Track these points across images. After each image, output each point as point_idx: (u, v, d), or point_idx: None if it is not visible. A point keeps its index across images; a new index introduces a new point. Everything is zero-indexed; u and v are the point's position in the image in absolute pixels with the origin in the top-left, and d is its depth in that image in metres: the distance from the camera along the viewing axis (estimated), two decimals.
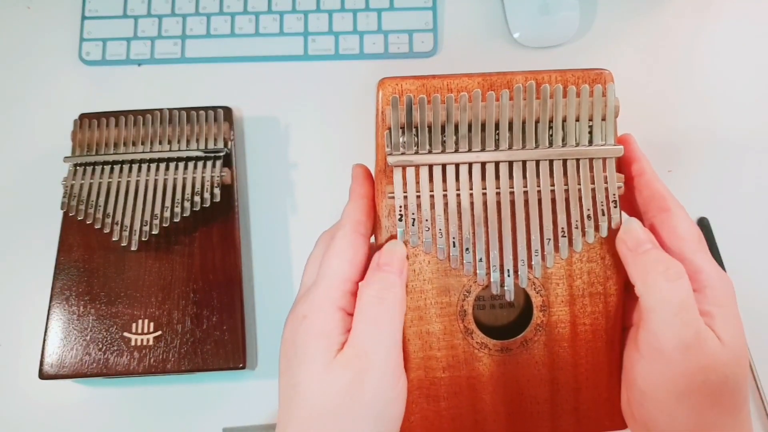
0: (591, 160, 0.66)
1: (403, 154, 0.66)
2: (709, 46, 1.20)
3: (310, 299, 0.65)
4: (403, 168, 0.66)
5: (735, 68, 1.18)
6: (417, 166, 0.66)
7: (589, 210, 0.66)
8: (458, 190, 0.66)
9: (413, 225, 0.66)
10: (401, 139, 0.66)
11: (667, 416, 0.63)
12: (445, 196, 0.66)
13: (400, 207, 0.66)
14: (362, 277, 0.67)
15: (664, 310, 0.62)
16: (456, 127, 0.66)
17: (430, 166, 0.66)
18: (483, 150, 0.66)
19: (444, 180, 0.66)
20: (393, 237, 0.68)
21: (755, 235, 1.10)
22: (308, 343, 0.63)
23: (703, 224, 1.09)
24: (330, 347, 0.63)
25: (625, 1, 1.23)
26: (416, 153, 0.66)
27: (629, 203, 0.69)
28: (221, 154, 1.06)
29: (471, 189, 0.66)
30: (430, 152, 0.66)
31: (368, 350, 0.63)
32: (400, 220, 0.66)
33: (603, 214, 0.66)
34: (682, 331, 0.61)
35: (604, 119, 0.66)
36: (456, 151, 0.66)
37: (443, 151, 0.66)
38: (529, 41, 1.20)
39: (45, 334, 1.01)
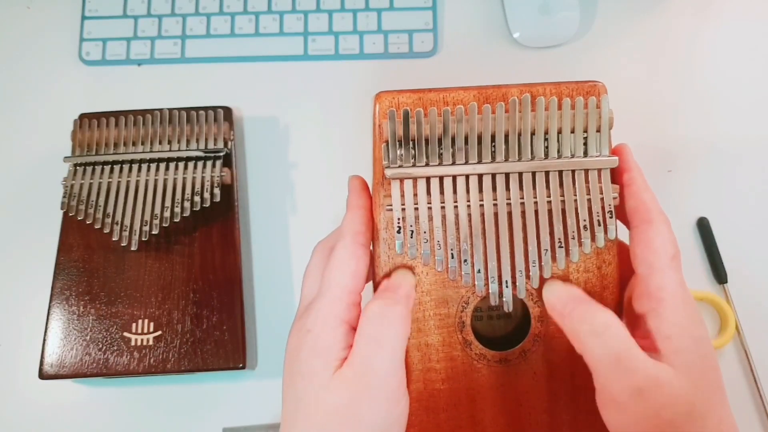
0: (586, 171, 0.66)
1: (400, 166, 0.66)
2: (709, 45, 1.20)
3: (314, 313, 0.65)
4: (401, 180, 0.66)
5: (735, 68, 1.18)
6: (414, 179, 0.66)
7: (585, 221, 0.66)
8: (456, 202, 0.66)
9: (411, 237, 0.66)
10: (398, 152, 0.66)
11: None
12: (442, 208, 0.66)
13: (399, 219, 0.66)
14: (364, 287, 0.68)
15: (604, 365, 0.62)
16: (452, 139, 0.66)
17: (428, 179, 0.66)
18: (479, 162, 0.66)
19: (441, 192, 0.66)
20: (400, 267, 0.69)
21: (755, 235, 1.10)
22: (311, 358, 0.63)
23: (703, 224, 1.09)
24: (330, 363, 0.62)
25: (625, 2, 1.22)
26: (413, 165, 0.66)
27: (624, 213, 0.69)
28: (221, 154, 1.06)
29: (468, 201, 0.66)
30: (427, 165, 0.66)
31: (367, 371, 0.62)
32: (399, 232, 0.66)
33: (599, 225, 0.66)
34: (629, 380, 0.60)
35: (598, 131, 0.66)
36: (453, 163, 0.66)
37: (440, 164, 0.66)
38: (529, 41, 1.20)
39: (45, 334, 1.01)
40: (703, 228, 1.09)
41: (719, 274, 1.07)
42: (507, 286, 0.67)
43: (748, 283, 1.07)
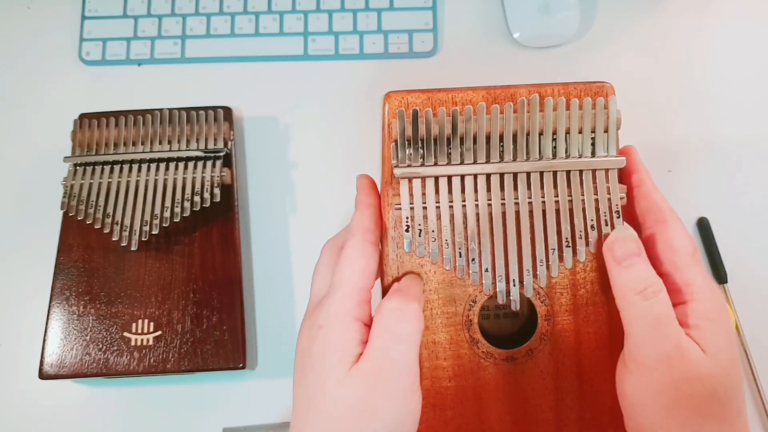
0: (594, 171, 0.67)
1: (409, 166, 0.66)
2: (709, 45, 1.20)
3: (326, 309, 0.65)
4: (410, 180, 0.67)
5: (735, 68, 1.19)
6: (423, 178, 0.66)
7: (592, 220, 0.66)
8: (464, 201, 0.66)
9: (420, 236, 0.67)
10: (407, 152, 0.66)
11: (658, 428, 0.63)
12: (450, 207, 0.66)
13: (407, 218, 0.67)
14: (374, 284, 0.68)
15: (642, 325, 0.62)
16: (461, 139, 0.66)
17: (436, 178, 0.67)
18: (487, 162, 0.66)
19: (450, 191, 0.67)
20: (408, 273, 0.69)
21: (755, 235, 1.10)
22: (325, 354, 0.64)
23: (703, 224, 1.09)
24: (346, 359, 0.63)
25: (625, 1, 1.23)
26: (422, 165, 0.66)
27: (631, 213, 0.70)
28: (221, 154, 1.06)
29: (476, 200, 0.66)
30: (435, 164, 0.66)
31: (384, 365, 0.63)
32: (407, 230, 0.67)
33: (606, 225, 0.66)
34: (662, 344, 0.61)
35: (606, 131, 0.67)
36: (461, 162, 0.66)
37: (449, 163, 0.66)
38: (529, 41, 1.20)
39: (45, 334, 1.01)
40: (703, 228, 1.09)
41: (719, 274, 1.07)
42: (514, 285, 0.67)
43: (748, 283, 1.07)
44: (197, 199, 1.03)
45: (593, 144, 0.67)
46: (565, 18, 1.19)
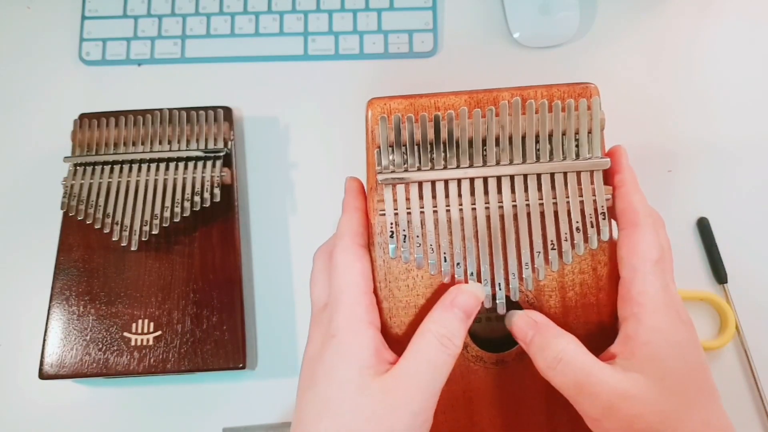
0: (578, 173, 0.67)
1: (393, 171, 0.66)
2: (709, 45, 1.20)
3: (336, 318, 0.65)
4: (393, 185, 0.67)
5: (735, 68, 1.18)
6: (407, 183, 0.67)
7: (578, 222, 0.66)
8: (448, 205, 0.67)
9: (404, 241, 0.67)
10: (391, 157, 0.67)
11: None
12: (435, 212, 0.67)
13: (392, 224, 0.67)
14: (373, 286, 0.69)
15: (567, 393, 0.63)
16: (444, 144, 0.66)
17: (420, 183, 0.67)
18: (471, 166, 0.66)
19: (434, 196, 0.67)
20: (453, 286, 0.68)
21: (755, 235, 1.09)
22: (341, 363, 0.63)
23: (703, 224, 1.09)
24: (365, 369, 0.63)
25: (625, 2, 1.22)
26: (406, 170, 0.66)
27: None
28: (221, 154, 1.06)
29: (460, 204, 0.66)
30: (419, 169, 0.66)
31: (412, 388, 0.62)
32: (392, 236, 0.67)
33: (592, 227, 0.66)
34: (595, 401, 0.61)
35: (590, 132, 0.67)
36: (445, 167, 0.66)
37: (432, 168, 0.66)
38: (529, 41, 1.19)
39: (45, 334, 1.01)
40: (703, 228, 1.09)
41: (719, 274, 1.06)
42: (500, 289, 0.67)
43: (748, 283, 1.06)
44: (197, 199, 1.03)
45: (577, 146, 0.67)
46: (565, 18, 1.18)
